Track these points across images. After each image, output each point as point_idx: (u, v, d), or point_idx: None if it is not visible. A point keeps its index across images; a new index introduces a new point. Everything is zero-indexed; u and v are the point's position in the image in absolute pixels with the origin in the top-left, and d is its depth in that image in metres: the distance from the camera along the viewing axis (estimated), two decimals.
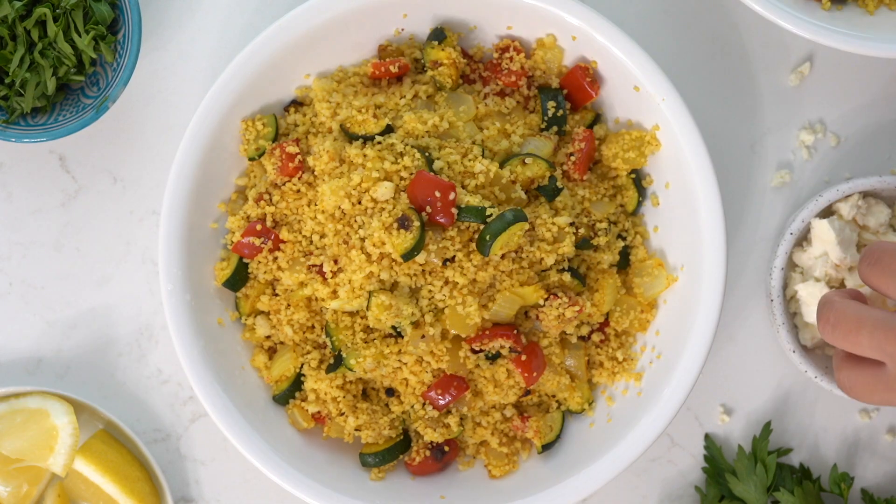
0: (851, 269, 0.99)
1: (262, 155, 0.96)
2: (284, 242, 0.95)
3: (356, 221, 0.91)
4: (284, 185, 0.96)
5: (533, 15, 0.95)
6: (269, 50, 0.94)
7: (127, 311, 1.02)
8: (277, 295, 0.97)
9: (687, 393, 0.93)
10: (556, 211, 0.95)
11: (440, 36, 0.97)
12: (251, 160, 0.97)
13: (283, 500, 1.02)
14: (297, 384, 0.97)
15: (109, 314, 1.02)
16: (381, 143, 0.93)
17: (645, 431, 0.93)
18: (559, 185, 0.95)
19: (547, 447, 0.97)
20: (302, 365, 0.97)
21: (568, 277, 0.94)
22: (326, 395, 0.96)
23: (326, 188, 0.91)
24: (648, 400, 0.94)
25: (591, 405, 0.98)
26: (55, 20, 0.94)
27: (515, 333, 0.93)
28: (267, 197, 0.96)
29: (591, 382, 0.99)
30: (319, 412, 0.97)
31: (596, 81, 0.97)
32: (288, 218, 0.96)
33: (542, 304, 0.93)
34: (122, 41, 0.96)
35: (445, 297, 0.91)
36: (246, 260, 0.97)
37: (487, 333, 0.93)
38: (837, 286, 0.99)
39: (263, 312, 0.98)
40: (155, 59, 1.02)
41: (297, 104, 0.98)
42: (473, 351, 0.94)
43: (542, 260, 0.93)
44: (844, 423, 1.04)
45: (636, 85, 0.95)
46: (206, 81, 1.02)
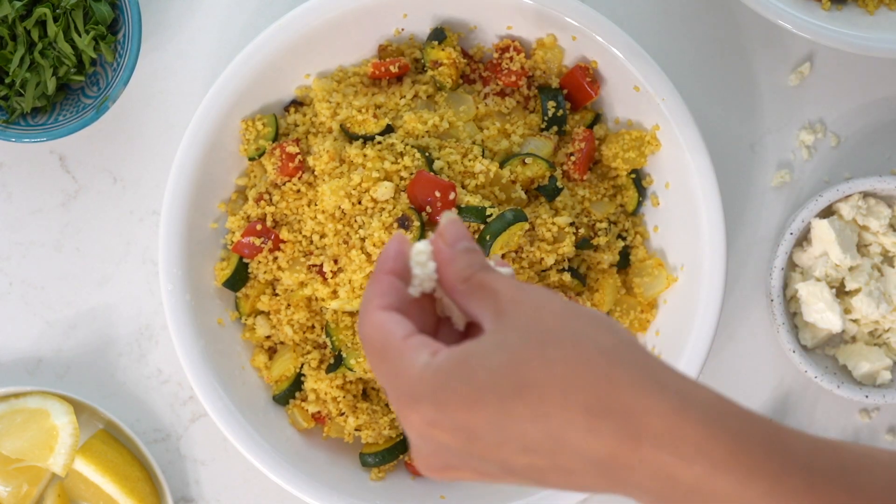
0: (852, 269, 0.98)
1: (262, 155, 0.96)
2: (284, 242, 0.95)
3: (356, 221, 0.91)
4: (284, 185, 0.95)
5: (533, 15, 0.95)
6: (269, 50, 0.94)
7: (127, 311, 1.02)
8: (277, 295, 0.97)
9: None
10: (556, 211, 0.95)
11: (440, 36, 0.96)
12: (251, 160, 0.97)
13: (283, 500, 1.01)
14: (297, 384, 0.97)
15: (109, 314, 1.02)
16: (381, 143, 0.93)
17: None
18: (559, 185, 0.94)
19: None
20: (302, 365, 0.97)
21: (568, 277, 0.94)
22: (326, 395, 0.96)
23: (326, 188, 0.91)
24: None
25: None
26: (55, 20, 0.94)
27: None
28: (267, 197, 0.96)
29: None
30: (319, 412, 0.97)
31: (596, 81, 0.97)
32: (288, 218, 0.96)
33: None
34: (122, 41, 0.96)
35: None
36: (246, 260, 0.97)
37: None
38: (838, 286, 0.99)
39: (263, 312, 0.98)
40: (155, 58, 1.02)
41: (297, 104, 0.98)
42: None
43: (542, 260, 0.93)
44: (845, 423, 1.04)
45: (636, 85, 0.95)
46: (206, 81, 1.01)
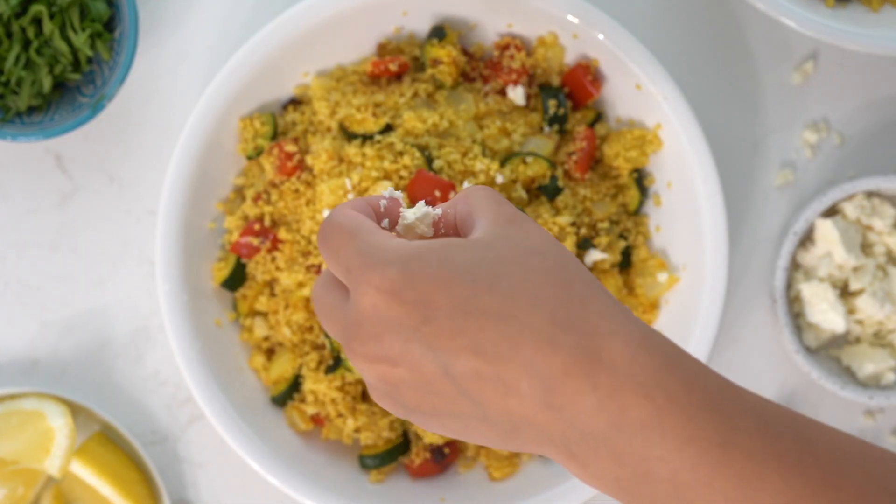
0: (856, 269, 0.98)
1: (260, 154, 0.96)
2: (283, 242, 0.95)
3: None
4: (283, 184, 0.95)
5: (534, 13, 0.94)
6: (267, 48, 0.94)
7: (124, 311, 1.01)
8: (276, 295, 0.96)
9: None
10: (557, 210, 0.94)
11: (440, 34, 0.96)
12: (249, 159, 0.97)
13: (281, 502, 1.01)
14: (295, 386, 0.97)
15: (106, 315, 1.01)
16: (380, 141, 0.92)
17: None
18: (560, 184, 0.94)
19: None
20: (300, 366, 0.96)
21: None
22: (325, 396, 0.95)
23: (325, 187, 0.90)
24: None
25: None
26: (51, 17, 0.94)
27: None
28: (265, 196, 0.96)
29: None
30: (318, 414, 0.96)
31: (597, 80, 0.96)
32: (286, 217, 0.95)
33: None
34: (118, 39, 0.95)
35: None
36: (244, 260, 0.96)
37: None
38: (842, 287, 0.98)
39: (262, 313, 0.98)
40: (152, 57, 1.01)
41: (295, 103, 0.98)
42: None
43: None
44: (849, 424, 1.03)
45: (638, 83, 0.94)
46: (203, 80, 1.01)
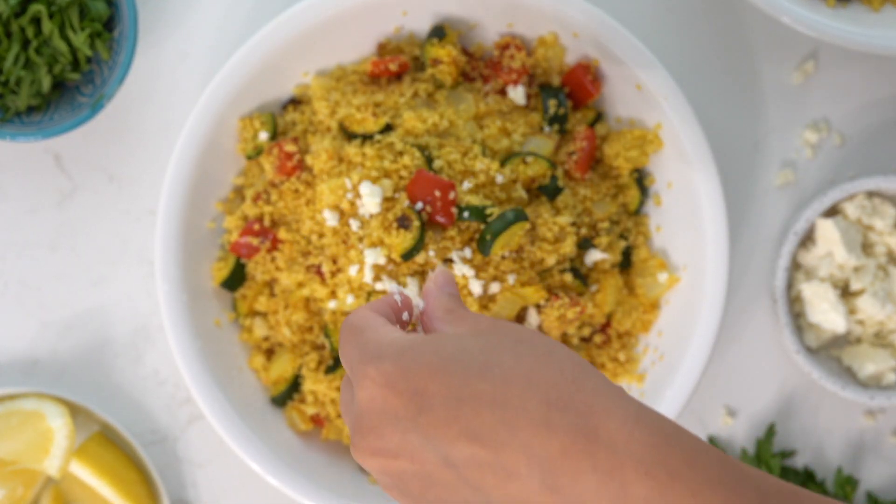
0: (857, 269, 0.98)
1: (260, 154, 0.96)
2: (282, 242, 0.95)
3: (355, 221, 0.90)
4: (282, 184, 0.95)
5: (534, 12, 0.94)
6: (267, 48, 0.94)
7: (123, 311, 1.01)
8: (275, 295, 0.96)
9: (690, 394, 0.93)
10: (557, 210, 0.94)
11: (440, 33, 0.96)
12: (249, 159, 0.97)
13: (281, 502, 1.01)
14: (295, 386, 0.97)
15: (106, 315, 1.01)
16: (380, 141, 0.92)
17: None
18: (560, 184, 0.94)
19: None
20: (300, 366, 0.96)
21: (570, 278, 0.93)
22: (325, 396, 0.95)
23: (325, 187, 0.90)
24: (651, 402, 0.93)
25: None
26: (50, 17, 0.93)
27: None
28: (265, 196, 0.96)
29: None
30: (318, 414, 0.96)
31: (598, 79, 0.96)
32: (286, 217, 0.95)
33: (542, 304, 0.93)
34: (118, 38, 0.95)
35: None
36: (244, 260, 0.96)
37: None
38: (842, 287, 0.98)
39: (261, 313, 0.97)
40: (151, 56, 1.01)
41: (295, 102, 0.98)
42: None
43: (542, 260, 0.92)
44: (849, 425, 1.03)
45: (638, 83, 0.94)
46: (203, 80, 1.01)
